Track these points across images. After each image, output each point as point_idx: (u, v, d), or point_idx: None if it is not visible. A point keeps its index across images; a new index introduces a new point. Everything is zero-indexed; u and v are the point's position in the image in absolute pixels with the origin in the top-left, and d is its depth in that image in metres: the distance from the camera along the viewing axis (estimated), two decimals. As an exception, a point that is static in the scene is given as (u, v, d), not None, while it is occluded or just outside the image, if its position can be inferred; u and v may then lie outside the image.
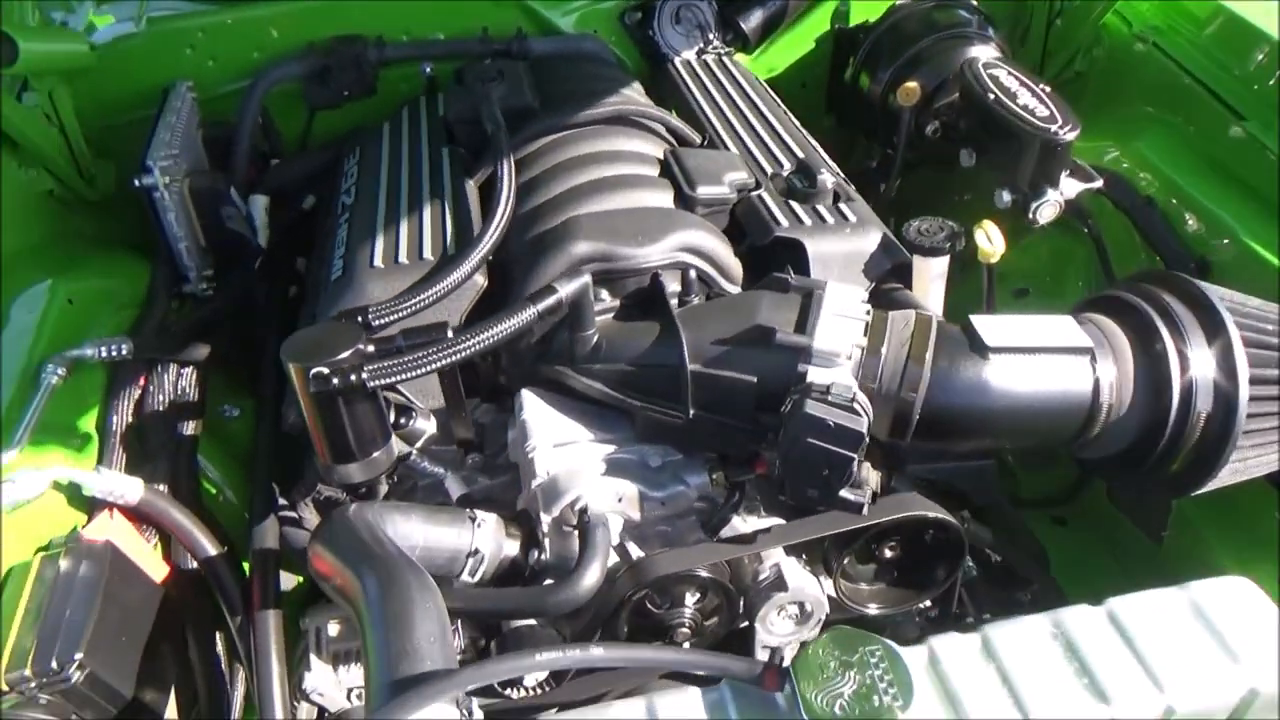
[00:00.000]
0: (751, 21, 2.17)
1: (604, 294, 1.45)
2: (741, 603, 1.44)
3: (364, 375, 1.21)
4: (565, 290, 1.30)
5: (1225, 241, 1.67)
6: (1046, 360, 1.28)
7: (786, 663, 0.88)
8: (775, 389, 1.29)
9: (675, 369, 1.33)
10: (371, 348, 1.27)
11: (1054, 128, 1.65)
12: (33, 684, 1.09)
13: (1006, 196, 1.74)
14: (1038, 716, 0.87)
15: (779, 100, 2.01)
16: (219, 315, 1.81)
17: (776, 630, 1.46)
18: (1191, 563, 1.60)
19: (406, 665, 0.93)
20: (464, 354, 1.25)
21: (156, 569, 1.33)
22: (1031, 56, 2.26)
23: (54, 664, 1.10)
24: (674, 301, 1.42)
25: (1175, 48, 1.91)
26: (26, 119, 1.75)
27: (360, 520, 1.18)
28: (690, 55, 2.15)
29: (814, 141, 1.84)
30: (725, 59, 2.14)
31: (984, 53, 1.97)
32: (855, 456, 1.24)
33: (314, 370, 1.21)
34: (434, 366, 1.23)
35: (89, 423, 1.45)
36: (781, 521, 1.42)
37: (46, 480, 1.25)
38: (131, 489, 1.32)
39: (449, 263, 1.40)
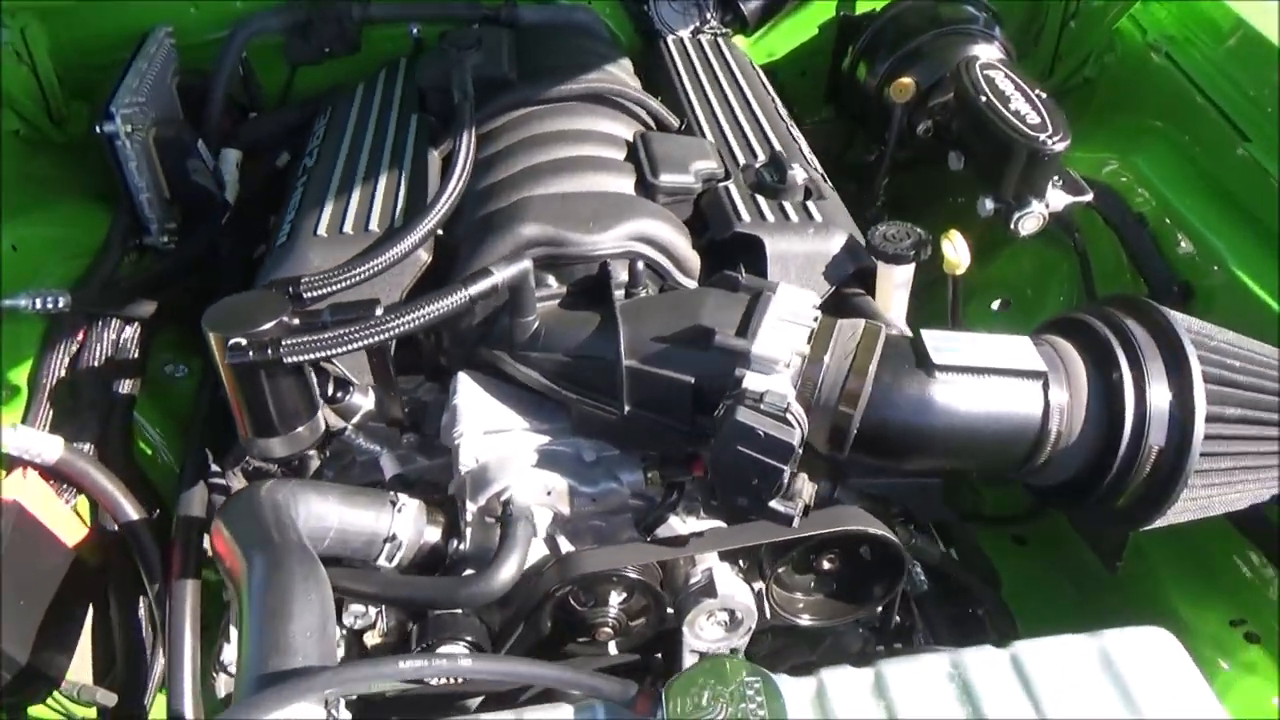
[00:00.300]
0: (751, 3, 2.10)
1: (550, 280, 1.41)
2: (672, 605, 1.41)
3: (282, 350, 1.17)
4: (502, 275, 1.25)
5: (1216, 268, 1.60)
6: (995, 382, 1.22)
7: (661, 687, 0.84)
8: (712, 391, 1.25)
9: (612, 363, 1.29)
10: (296, 321, 1.23)
11: (1043, 137, 1.58)
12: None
13: (989, 205, 1.68)
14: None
15: (769, 88, 1.94)
16: (178, 270, 1.78)
17: (705, 636, 1.42)
18: (1143, 596, 1.55)
19: (277, 660, 0.90)
20: (389, 334, 1.21)
21: (71, 531, 1.31)
22: (1043, 59, 2.18)
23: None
24: (620, 293, 1.37)
25: (1188, 60, 1.82)
26: (-5, 58, 1.72)
27: (266, 500, 1.15)
28: (685, 34, 2.08)
29: (797, 133, 1.78)
30: (721, 40, 2.07)
31: (986, 52, 1.89)
32: (785, 468, 1.19)
33: (231, 341, 1.18)
34: (357, 345, 1.20)
35: (20, 376, 1.43)
36: (720, 525, 1.37)
37: (-48, 438, 1.23)
38: (49, 448, 1.30)
39: (391, 237, 1.36)
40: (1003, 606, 1.60)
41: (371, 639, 1.46)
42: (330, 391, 1.43)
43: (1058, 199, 1.66)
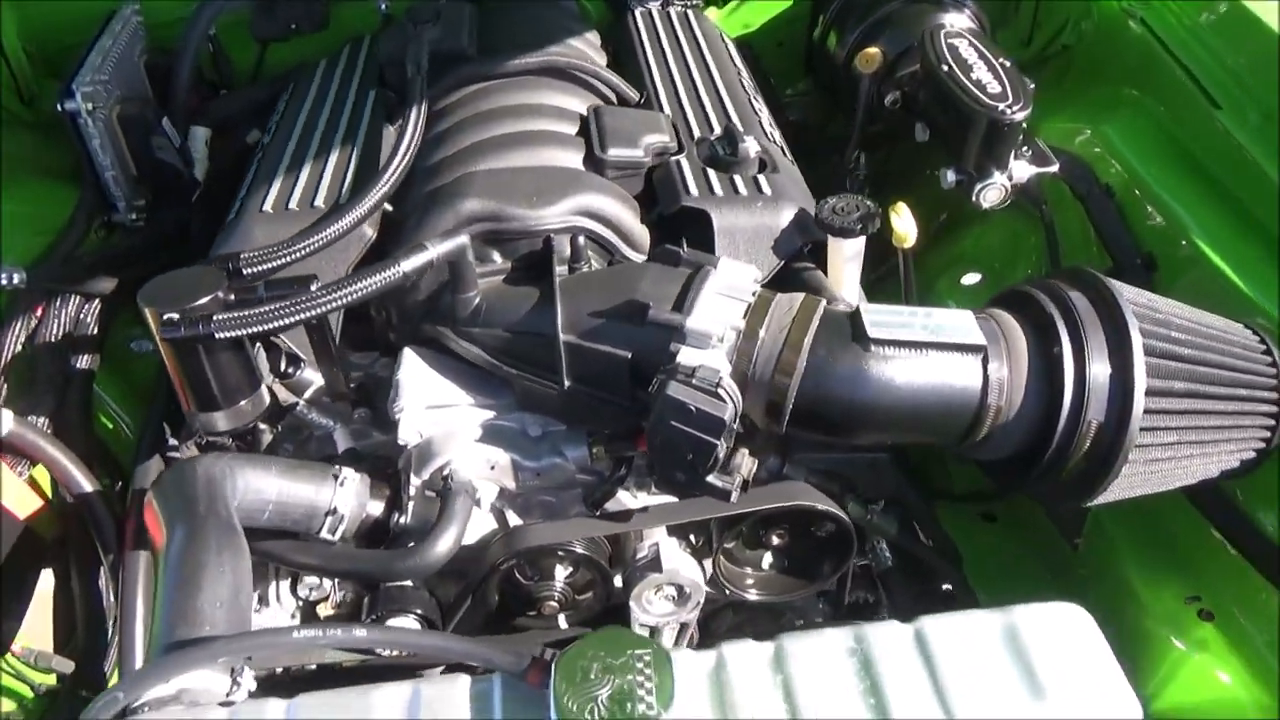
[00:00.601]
0: (722, -26, 2.07)
1: (495, 256, 1.41)
2: (620, 580, 1.42)
3: (214, 325, 1.18)
4: (437, 250, 1.25)
5: (1184, 241, 1.57)
6: (933, 356, 1.20)
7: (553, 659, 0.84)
8: (650, 366, 1.24)
9: (551, 339, 1.29)
10: (233, 296, 1.24)
11: (1002, 106, 1.54)
12: None
13: (951, 176, 1.65)
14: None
15: (737, 60, 1.92)
16: (147, 247, 1.79)
17: (654, 610, 1.43)
18: (1102, 573, 1.53)
19: (185, 629, 0.92)
20: (322, 309, 1.21)
21: (22, 502, 1.33)
22: (1023, 27, 2.13)
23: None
24: (564, 268, 1.36)
25: (1163, 25, 1.77)
26: (-40, 36, 1.74)
27: (199, 473, 1.16)
28: (654, 7, 2.05)
29: (760, 106, 1.75)
30: (690, 13, 2.04)
31: (956, 21, 1.86)
32: (718, 443, 1.19)
33: (165, 316, 1.19)
34: (290, 320, 1.20)
35: (-25, 352, 1.45)
36: (670, 500, 1.38)
37: (-98, 407, 1.25)
38: (1, 420, 1.32)
39: (333, 213, 1.36)
40: (964, 582, 1.59)
41: (325, 610, 1.48)
42: (282, 367, 1.45)
43: (1022, 170, 1.63)
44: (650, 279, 1.29)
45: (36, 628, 1.46)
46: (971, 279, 1.89)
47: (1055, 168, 1.65)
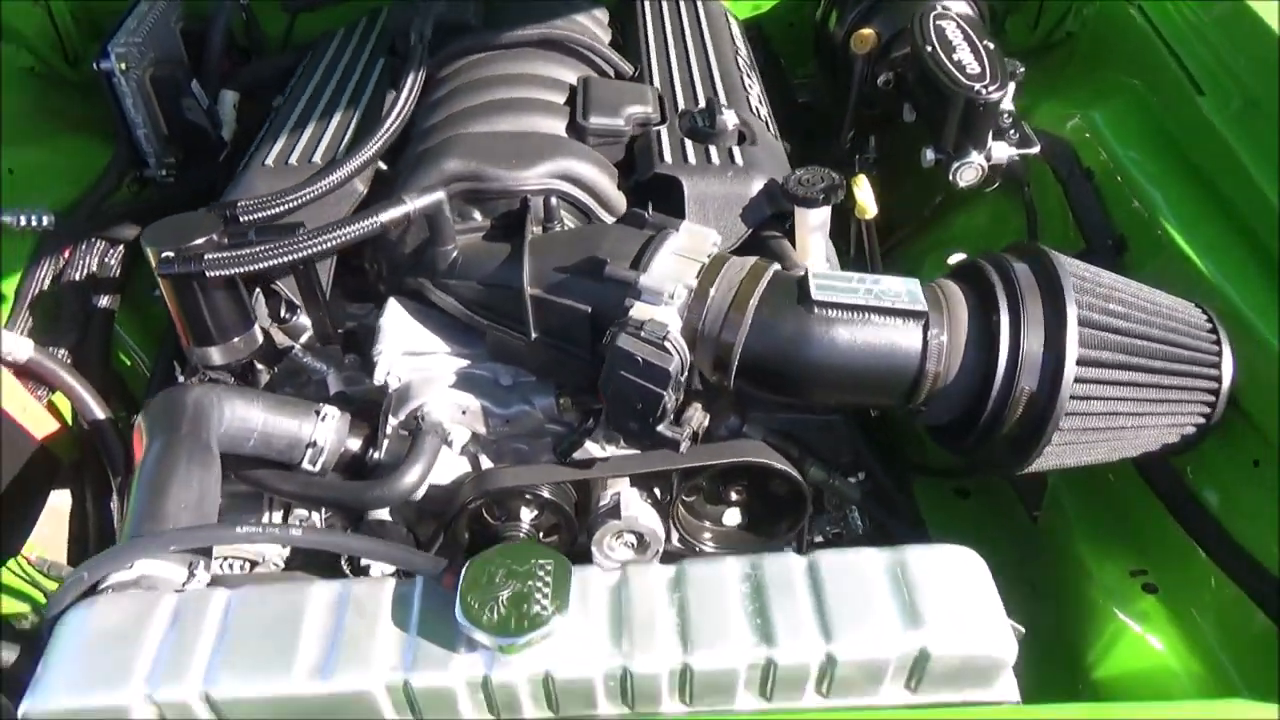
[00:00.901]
0: (731, -45, 2.12)
1: (475, 214, 1.49)
2: (585, 526, 1.49)
3: (205, 263, 1.28)
4: (414, 204, 1.34)
5: (1159, 226, 1.59)
6: (874, 319, 1.26)
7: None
8: (608, 320, 1.31)
9: (519, 291, 1.37)
10: (226, 240, 1.35)
11: (978, 86, 1.58)
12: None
13: (930, 155, 1.69)
14: (697, 641, 0.90)
15: (737, 41, 1.97)
16: (174, 202, 1.92)
17: (614, 556, 1.50)
18: (1056, 545, 1.57)
19: (149, 527, 1.02)
20: (305, 253, 1.31)
21: (38, 422, 1.46)
22: (1030, 13, 2.15)
23: (-94, 489, 1.24)
24: (538, 228, 1.44)
25: (1161, 16, 1.78)
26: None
27: (187, 399, 1.27)
28: (663, -14, 2.12)
29: (752, 83, 1.81)
30: (698, -9, 2.10)
31: (953, 6, 1.88)
32: (664, 393, 1.26)
33: (163, 254, 1.30)
34: (274, 262, 1.30)
35: (8, 287, 1.59)
36: (634, 453, 1.45)
37: (-76, 335, 1.39)
38: (21, 348, 1.45)
39: (326, 168, 1.46)
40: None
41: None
42: (281, 313, 1.56)
43: (1001, 150, 1.66)
44: (613, 238, 1.36)
45: (53, 541, 1.59)
46: (956, 258, 1.92)
47: (1036, 149, 1.68)
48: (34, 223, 1.60)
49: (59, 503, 1.61)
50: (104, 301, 1.66)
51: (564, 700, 0.92)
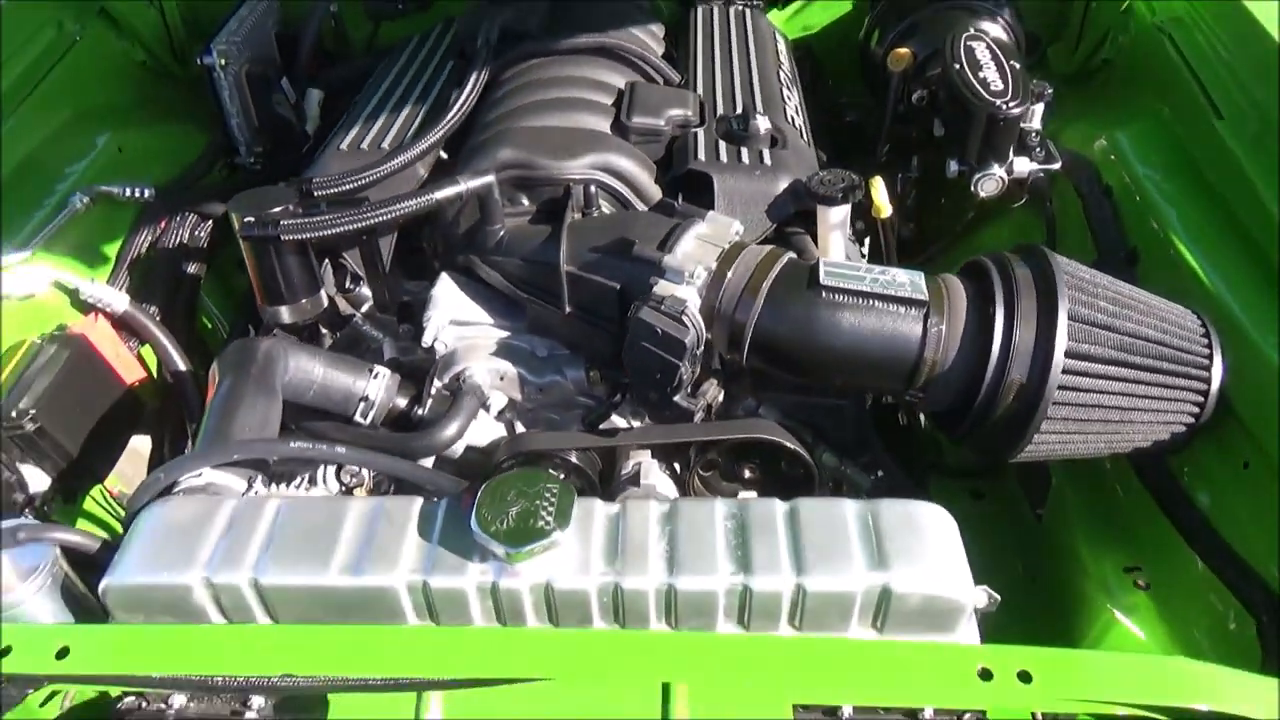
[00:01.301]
0: (783, -22, 2.26)
1: (523, 199, 1.64)
2: (608, 492, 1.61)
3: (280, 228, 1.45)
4: (467, 184, 1.50)
5: (1168, 242, 1.66)
6: (878, 305, 1.36)
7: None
8: (633, 297, 1.44)
9: (556, 267, 1.50)
10: (301, 210, 1.51)
11: (999, 102, 1.67)
12: (-2, 424, 1.41)
13: (954, 166, 1.78)
14: (683, 566, 1.01)
15: (782, 56, 2.10)
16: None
17: (633, 521, 1.61)
18: (1056, 542, 1.64)
19: (215, 443, 1.17)
20: (367, 222, 1.48)
21: (128, 368, 1.64)
22: (1069, 40, 2.23)
23: (13, 413, 1.42)
24: (578, 214, 1.58)
25: (1188, 41, 1.86)
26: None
27: (259, 347, 1.43)
28: (717, 4, 2.26)
29: (790, 94, 1.93)
30: (749, 12, 2.23)
31: (989, 29, 1.98)
32: (680, 364, 1.38)
33: (245, 219, 1.47)
34: (339, 229, 1.47)
35: (112, 249, 1.78)
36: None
37: (47, 279, 1.58)
38: (118, 301, 1.64)
39: (392, 154, 1.62)
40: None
41: (360, 494, 1.74)
42: (345, 284, 1.72)
43: (1022, 165, 1.75)
44: (643, 223, 1.49)
45: (132, 480, 1.77)
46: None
47: (1058, 166, 1.76)
48: (137, 194, 1.80)
49: (140, 445, 1.79)
50: (192, 269, 1.85)
51: (562, 612, 1.04)
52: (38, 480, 1.48)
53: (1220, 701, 0.90)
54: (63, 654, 0.96)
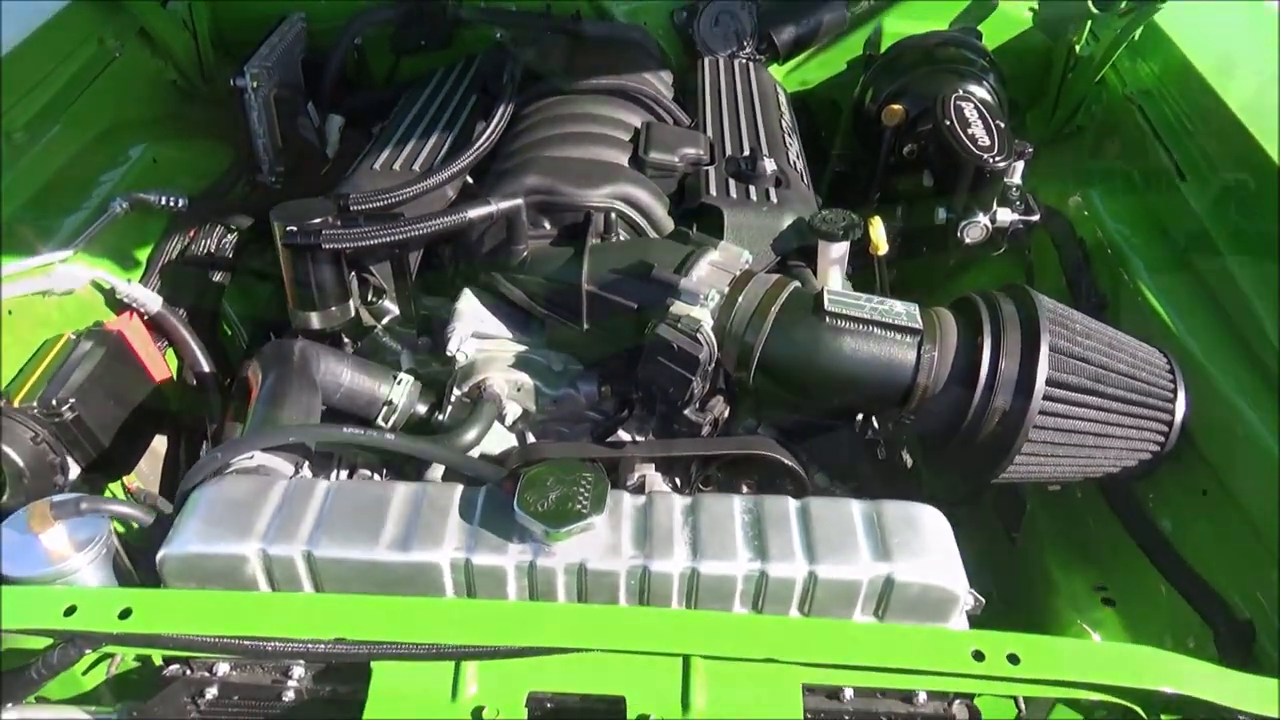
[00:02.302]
0: (784, 35, 2.41)
1: (545, 223, 1.74)
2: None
3: (321, 237, 1.55)
4: (497, 205, 1.61)
5: (1134, 290, 1.81)
6: (876, 332, 1.48)
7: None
8: (649, 316, 1.55)
9: (576, 287, 1.61)
10: (339, 222, 1.61)
11: (986, 156, 1.83)
12: (36, 411, 1.47)
13: (942, 214, 1.93)
14: (705, 552, 1.11)
15: (783, 105, 2.25)
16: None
17: (635, 532, 1.70)
18: (1030, 563, 1.75)
19: (265, 428, 1.26)
20: (403, 235, 1.58)
21: (157, 367, 1.71)
22: (1046, 108, 2.41)
23: (53, 401, 1.48)
24: (597, 239, 1.69)
25: (1157, 113, 2.03)
26: (165, 21, 2.21)
27: (296, 347, 1.52)
28: (722, 56, 2.41)
29: (790, 141, 2.07)
30: (752, 65, 2.38)
31: (975, 91, 2.15)
32: (692, 379, 1.49)
33: (288, 228, 1.57)
34: (376, 241, 1.57)
35: (143, 253, 1.86)
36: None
37: (86, 278, 1.65)
38: (152, 302, 1.72)
39: (424, 175, 1.72)
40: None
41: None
42: (369, 297, 1.82)
43: (1005, 215, 1.90)
44: (661, 249, 1.61)
45: (149, 480, 1.83)
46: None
47: (1037, 217, 1.91)
48: (171, 203, 1.88)
49: (157, 444, 1.85)
50: (217, 277, 1.93)
51: (592, 592, 1.13)
52: (67, 468, 1.54)
53: (1185, 686, 1.01)
54: (125, 614, 1.03)
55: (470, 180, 1.84)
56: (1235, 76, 1.95)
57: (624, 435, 1.68)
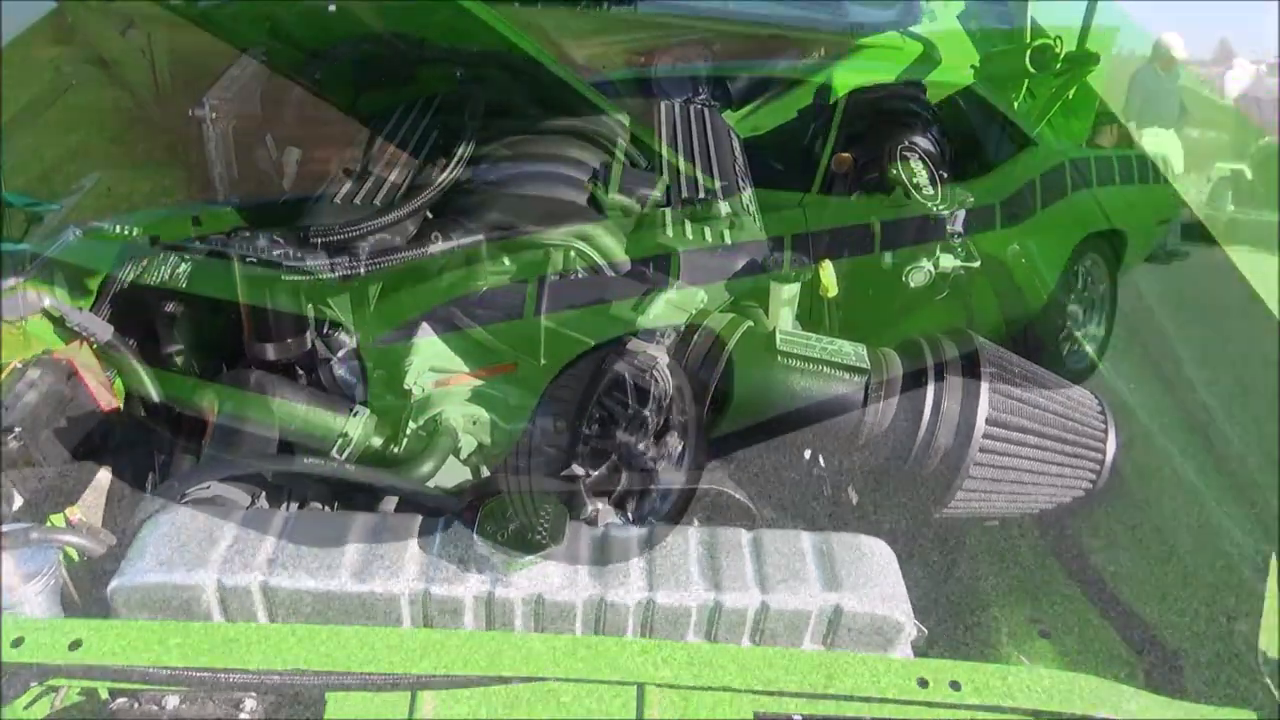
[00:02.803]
0: (737, 84, 2.50)
1: (505, 259, 1.78)
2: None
3: (280, 269, 1.56)
4: (459, 241, 1.64)
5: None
6: (825, 370, 1.53)
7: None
8: (606, 352, 1.58)
9: (535, 323, 1.64)
10: (298, 254, 1.62)
11: (930, 205, 1.91)
12: (-16, 443, 1.45)
13: (888, 258, 2.01)
14: (661, 582, 1.13)
15: (736, 150, 2.32)
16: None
17: (588, 565, 1.72)
18: (971, 597, 1.81)
19: (222, 459, 1.26)
20: (361, 270, 1.59)
21: (105, 397, 1.69)
22: (985, 159, 2.52)
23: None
24: (556, 276, 1.73)
25: (1087, 174, 2.15)
26: (124, 50, 2.21)
27: (249, 377, 1.52)
28: (678, 101, 2.49)
29: (744, 184, 2.14)
30: (706, 110, 2.46)
31: (920, 141, 2.25)
32: (647, 414, 1.52)
33: (247, 258, 1.57)
34: (337, 274, 1.58)
35: (95, 282, 1.84)
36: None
37: (37, 305, 1.63)
38: (103, 330, 1.70)
39: (384, 210, 1.75)
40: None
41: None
42: (324, 329, 1.82)
43: (947, 261, 1.99)
44: (619, 287, 1.65)
45: (91, 511, 1.79)
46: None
47: (977, 263, 2.00)
48: (125, 231, 1.87)
49: (102, 477, 1.82)
50: (170, 306, 1.91)
51: (550, 620, 1.15)
52: (11, 498, 1.51)
53: (1122, 713, 1.06)
54: (75, 645, 1.02)
55: (430, 216, 1.87)
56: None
57: (576, 469, 1.71)
